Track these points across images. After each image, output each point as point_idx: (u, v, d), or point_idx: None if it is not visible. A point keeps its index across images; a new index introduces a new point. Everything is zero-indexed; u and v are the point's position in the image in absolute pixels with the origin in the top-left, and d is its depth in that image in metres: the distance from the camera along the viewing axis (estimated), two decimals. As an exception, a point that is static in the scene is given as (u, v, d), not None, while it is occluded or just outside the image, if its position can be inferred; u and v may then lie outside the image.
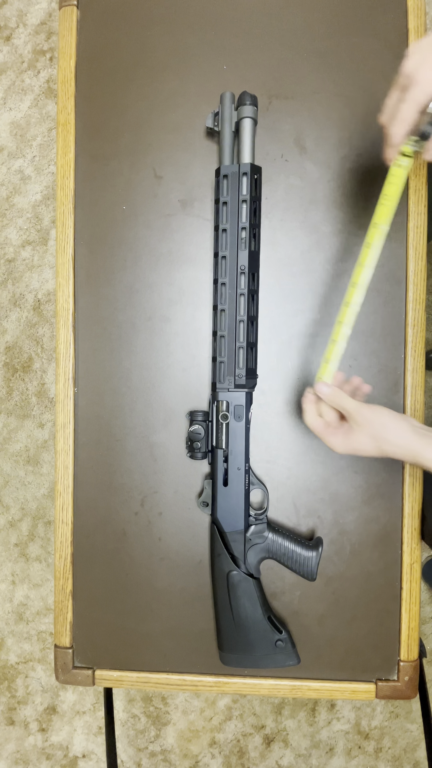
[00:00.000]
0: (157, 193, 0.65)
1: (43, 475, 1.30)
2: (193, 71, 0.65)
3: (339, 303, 0.64)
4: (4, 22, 1.31)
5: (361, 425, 0.49)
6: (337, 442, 0.50)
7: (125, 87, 0.66)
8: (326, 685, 0.64)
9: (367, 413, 0.49)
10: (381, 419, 0.48)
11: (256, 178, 0.58)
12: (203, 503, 0.63)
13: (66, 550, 0.66)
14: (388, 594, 0.64)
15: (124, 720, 1.26)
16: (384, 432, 0.48)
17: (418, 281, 0.63)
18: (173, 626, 0.66)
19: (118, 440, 0.66)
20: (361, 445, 0.49)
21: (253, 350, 0.60)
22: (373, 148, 0.64)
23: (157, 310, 0.65)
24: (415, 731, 1.23)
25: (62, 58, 0.66)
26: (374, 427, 0.48)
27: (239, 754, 1.25)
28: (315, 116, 0.64)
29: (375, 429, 0.48)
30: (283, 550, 0.61)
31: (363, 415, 0.49)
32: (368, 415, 0.48)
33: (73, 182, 0.66)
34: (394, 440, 0.47)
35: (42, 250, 1.30)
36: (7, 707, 1.30)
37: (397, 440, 0.47)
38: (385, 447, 0.48)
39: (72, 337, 0.66)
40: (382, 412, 0.49)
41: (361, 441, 0.49)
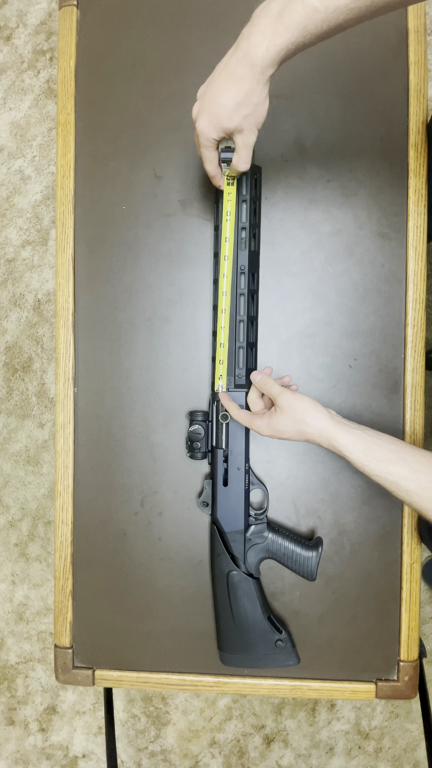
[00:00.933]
0: (157, 193, 0.65)
1: (43, 475, 1.30)
2: (193, 71, 0.65)
3: (339, 303, 0.64)
4: (4, 22, 1.31)
5: (284, 409, 0.52)
6: (262, 424, 0.54)
7: (125, 87, 0.66)
8: (326, 685, 0.64)
9: (290, 398, 0.53)
10: (303, 404, 0.52)
11: (256, 178, 0.58)
12: (203, 503, 0.63)
13: (66, 550, 0.66)
14: (388, 594, 0.64)
15: (124, 720, 1.26)
16: (304, 415, 0.52)
17: (418, 281, 0.63)
18: (173, 626, 0.66)
19: (118, 440, 0.66)
20: (283, 426, 0.52)
21: (253, 350, 0.60)
22: (372, 148, 0.64)
23: (157, 310, 0.65)
24: (415, 731, 1.23)
25: (62, 58, 0.66)
26: (296, 411, 0.52)
27: (239, 754, 1.25)
28: (315, 116, 0.64)
29: (296, 413, 0.52)
30: (283, 550, 0.61)
31: (287, 400, 0.53)
32: (291, 401, 0.52)
33: (73, 182, 0.66)
34: (312, 422, 0.51)
35: (42, 250, 1.30)
36: (7, 707, 1.30)
37: (314, 422, 0.51)
38: (304, 429, 0.51)
39: (72, 337, 0.66)
40: (305, 398, 0.53)
41: (282, 423, 0.52)
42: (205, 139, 0.47)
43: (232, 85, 0.43)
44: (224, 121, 0.45)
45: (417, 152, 0.63)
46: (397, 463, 0.48)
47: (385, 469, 0.48)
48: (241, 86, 0.43)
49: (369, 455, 0.49)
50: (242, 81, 0.43)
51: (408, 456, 0.48)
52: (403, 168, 0.63)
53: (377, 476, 0.49)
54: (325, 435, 0.50)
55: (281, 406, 0.53)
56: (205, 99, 0.46)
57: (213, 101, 0.45)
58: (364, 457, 0.49)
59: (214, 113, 0.45)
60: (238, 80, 0.43)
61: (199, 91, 0.48)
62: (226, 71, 0.44)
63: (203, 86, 0.47)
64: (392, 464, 0.48)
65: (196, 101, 0.48)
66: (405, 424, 0.63)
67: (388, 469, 0.48)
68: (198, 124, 0.47)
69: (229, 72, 0.43)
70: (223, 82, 0.44)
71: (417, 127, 0.63)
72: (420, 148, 0.63)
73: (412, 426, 0.63)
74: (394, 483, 0.48)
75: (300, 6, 0.38)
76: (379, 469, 0.48)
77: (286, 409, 0.52)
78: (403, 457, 0.48)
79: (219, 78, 0.44)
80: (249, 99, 0.44)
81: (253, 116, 0.45)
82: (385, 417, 0.64)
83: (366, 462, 0.49)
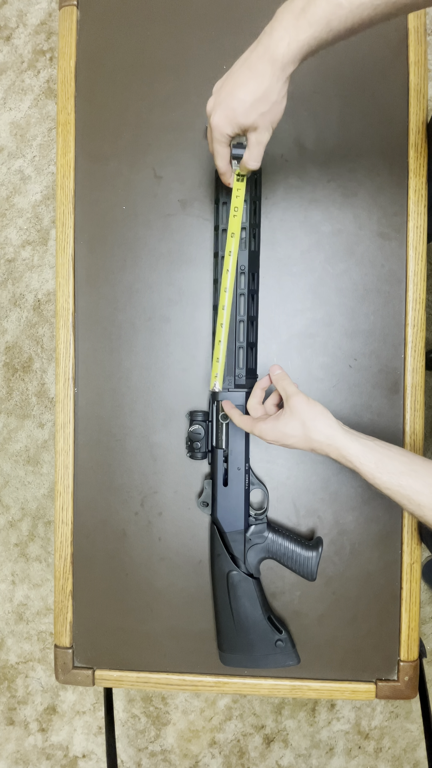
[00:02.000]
0: (157, 193, 0.65)
1: (43, 475, 1.30)
2: (193, 71, 0.65)
3: (339, 303, 0.64)
4: (4, 22, 1.31)
5: (295, 411, 0.51)
6: (266, 428, 0.52)
7: (125, 87, 0.66)
8: (326, 685, 0.64)
9: (303, 401, 0.51)
10: (315, 409, 0.50)
11: (256, 178, 0.58)
12: (203, 503, 0.63)
13: (66, 550, 0.66)
14: (388, 594, 0.64)
15: (124, 720, 1.26)
16: (314, 421, 0.50)
17: (418, 281, 0.63)
18: (173, 626, 0.66)
19: (118, 440, 0.66)
20: (290, 429, 0.50)
21: (253, 350, 0.60)
22: (372, 148, 0.64)
23: (157, 310, 0.65)
24: (415, 731, 1.23)
25: (62, 58, 0.66)
26: (307, 415, 0.50)
27: (239, 754, 1.25)
28: (315, 116, 0.64)
29: (307, 417, 0.50)
30: (283, 550, 0.61)
31: (299, 402, 0.51)
32: (304, 403, 0.51)
33: (73, 182, 0.66)
34: (322, 429, 0.49)
35: (42, 250, 1.30)
36: (7, 707, 1.30)
37: (324, 430, 0.49)
38: (312, 435, 0.49)
39: (72, 337, 0.66)
40: (317, 404, 0.51)
41: (290, 425, 0.50)
42: (219, 134, 0.46)
43: (251, 81, 0.42)
44: (240, 116, 0.44)
45: (417, 152, 0.63)
46: (410, 476, 0.46)
47: (398, 482, 0.46)
48: (260, 82, 0.42)
49: (381, 467, 0.47)
50: (262, 77, 0.42)
51: (420, 469, 0.47)
52: (403, 168, 0.63)
53: (389, 489, 0.47)
54: (335, 444, 0.49)
55: (293, 407, 0.51)
56: (221, 93, 0.45)
57: (230, 96, 0.44)
58: (375, 469, 0.47)
59: (231, 108, 0.44)
60: (258, 76, 0.42)
61: (216, 86, 0.46)
62: (246, 66, 0.43)
63: (220, 81, 0.46)
64: (404, 477, 0.46)
65: (211, 96, 0.46)
66: (405, 424, 0.63)
67: (400, 482, 0.46)
68: (213, 119, 0.45)
69: (248, 67, 0.43)
70: (242, 77, 0.43)
71: (417, 127, 0.63)
72: (420, 148, 0.63)
73: (412, 426, 0.63)
74: (406, 497, 0.46)
75: (324, 1, 0.37)
76: (391, 482, 0.46)
77: (297, 412, 0.50)
78: (416, 470, 0.47)
79: (238, 73, 0.43)
80: (267, 96, 0.43)
81: (269, 114, 0.44)
82: (385, 417, 0.64)
83: (378, 474, 0.47)
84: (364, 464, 0.47)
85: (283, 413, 0.52)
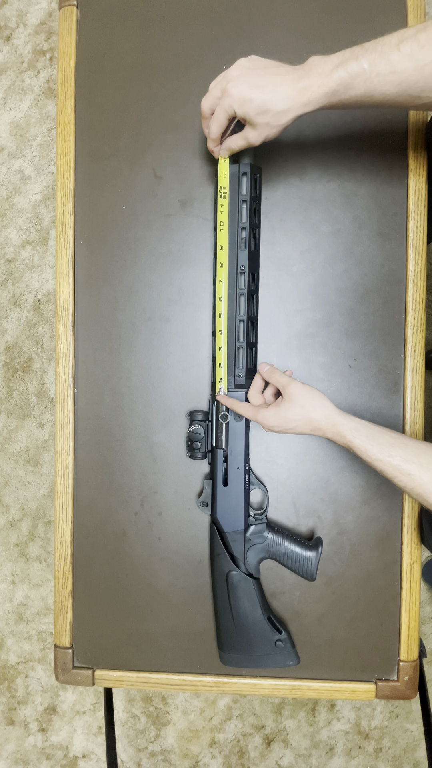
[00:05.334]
0: (157, 193, 0.65)
1: (43, 475, 1.30)
2: (193, 71, 0.65)
3: (339, 303, 0.64)
4: (4, 22, 1.31)
5: (293, 397, 0.54)
6: (269, 414, 0.55)
7: (125, 87, 0.66)
8: (326, 685, 0.64)
9: (299, 386, 0.54)
10: (311, 393, 0.54)
11: (256, 178, 0.58)
12: (203, 503, 0.63)
13: (66, 550, 0.66)
14: (388, 594, 0.64)
15: (124, 720, 1.26)
16: (312, 402, 0.53)
17: (418, 281, 0.63)
18: (173, 626, 0.66)
19: (118, 440, 0.66)
20: (292, 414, 0.53)
21: (253, 350, 0.60)
22: (372, 148, 0.64)
23: (156, 310, 0.65)
24: (415, 731, 1.23)
25: (62, 58, 0.66)
26: (305, 398, 0.54)
27: (239, 754, 1.25)
28: (315, 116, 0.64)
29: (305, 400, 0.53)
30: (282, 550, 0.61)
31: (296, 388, 0.54)
32: (300, 389, 0.54)
33: (73, 182, 0.66)
34: (320, 409, 0.53)
35: (42, 250, 1.30)
36: (7, 707, 1.30)
37: (322, 409, 0.53)
38: (312, 415, 0.53)
39: (72, 337, 0.66)
40: (313, 389, 0.55)
41: (292, 411, 0.54)
42: (227, 104, 0.47)
43: (277, 92, 0.45)
44: (252, 109, 0.46)
45: (417, 152, 0.63)
46: (399, 447, 0.50)
47: (388, 452, 0.49)
48: (282, 100, 0.45)
49: (372, 440, 0.50)
50: (287, 98, 0.45)
51: (409, 442, 0.51)
52: (403, 168, 0.63)
53: (380, 460, 0.50)
54: (332, 420, 0.52)
55: (291, 394, 0.54)
56: (250, 76, 0.46)
57: (256, 87, 0.45)
58: (367, 441, 0.50)
59: (250, 96, 0.45)
60: (284, 94, 0.45)
61: (242, 62, 0.48)
62: (280, 78, 0.45)
63: (249, 61, 0.48)
64: (394, 448, 0.49)
65: (235, 66, 0.47)
66: (405, 424, 0.63)
67: (390, 453, 0.49)
68: (231, 87, 0.46)
69: (281, 82, 0.45)
70: (273, 83, 0.45)
71: (417, 127, 0.63)
72: (420, 148, 0.63)
73: (412, 426, 0.63)
74: (396, 467, 0.49)
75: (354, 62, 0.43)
76: (382, 453, 0.49)
77: (295, 397, 0.53)
78: (405, 443, 0.50)
79: (272, 76, 0.46)
80: (280, 116, 0.46)
81: (269, 128, 0.47)
82: (385, 417, 0.64)
83: (369, 446, 0.50)
84: (357, 437, 0.51)
85: (282, 401, 0.55)
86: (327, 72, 0.44)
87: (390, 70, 0.42)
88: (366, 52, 0.43)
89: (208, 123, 0.52)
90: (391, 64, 0.42)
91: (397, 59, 0.42)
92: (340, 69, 0.43)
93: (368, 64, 0.42)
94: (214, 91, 0.49)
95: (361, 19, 0.64)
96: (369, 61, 0.42)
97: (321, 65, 0.44)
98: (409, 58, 0.41)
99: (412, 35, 0.41)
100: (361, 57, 0.43)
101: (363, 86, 0.43)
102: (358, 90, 0.44)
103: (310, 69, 0.45)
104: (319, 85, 0.44)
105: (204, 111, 0.51)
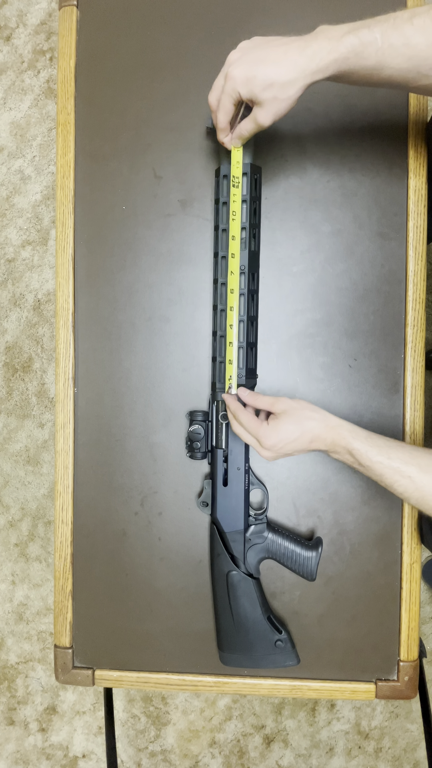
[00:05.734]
0: (157, 193, 0.65)
1: (43, 475, 1.30)
2: (193, 71, 0.65)
3: (339, 303, 0.64)
4: (4, 22, 1.31)
5: (286, 411, 0.52)
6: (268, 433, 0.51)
7: (125, 87, 0.66)
8: (326, 685, 0.64)
9: (287, 400, 0.53)
10: (301, 403, 0.53)
11: (256, 178, 0.58)
12: (203, 503, 0.63)
13: (66, 550, 0.66)
14: (388, 594, 0.64)
15: (124, 720, 1.26)
16: (305, 412, 0.52)
17: (418, 281, 0.63)
18: (173, 626, 0.66)
19: (118, 440, 0.66)
20: (289, 427, 0.51)
21: (253, 350, 0.60)
22: (372, 148, 0.64)
23: (156, 310, 0.65)
24: (415, 731, 1.23)
25: (62, 58, 0.66)
26: (296, 409, 0.52)
27: (239, 754, 1.25)
28: (315, 116, 0.64)
29: (296, 411, 0.52)
30: (282, 550, 0.61)
31: (285, 402, 0.53)
32: (289, 402, 0.53)
33: (73, 182, 0.66)
34: (314, 416, 0.51)
35: (42, 250, 1.30)
36: (7, 707, 1.30)
37: (316, 415, 0.51)
38: (307, 424, 0.51)
39: (72, 337, 0.66)
40: (301, 400, 0.53)
41: (286, 425, 0.51)
42: (231, 88, 0.46)
43: (283, 65, 0.43)
44: (257, 86, 0.44)
45: (417, 152, 0.63)
46: (397, 449, 0.49)
47: (387, 454, 0.48)
48: (289, 70, 0.43)
49: (370, 441, 0.49)
50: (294, 68, 0.43)
51: (406, 445, 0.50)
52: (403, 168, 0.63)
53: (379, 462, 0.48)
54: (329, 424, 0.51)
55: (281, 410, 0.52)
56: (251, 54, 0.45)
57: (259, 63, 0.44)
58: (366, 443, 0.49)
59: (253, 74, 0.44)
60: (291, 64, 0.43)
61: (244, 44, 0.47)
62: (284, 49, 0.43)
63: (250, 42, 0.46)
64: (393, 450, 0.49)
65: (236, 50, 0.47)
66: (405, 424, 0.63)
67: (389, 454, 0.48)
68: (233, 70, 0.45)
69: (285, 51, 0.43)
70: (276, 55, 0.43)
71: (417, 127, 0.63)
72: (420, 148, 0.63)
73: (412, 426, 0.63)
74: (396, 469, 0.48)
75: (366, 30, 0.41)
76: (381, 455, 0.48)
77: (288, 411, 0.52)
78: (402, 446, 0.50)
79: (274, 49, 0.44)
80: (287, 87, 0.44)
81: (278, 103, 0.45)
82: (385, 417, 0.64)
83: (369, 448, 0.49)
84: (356, 439, 0.50)
85: (274, 418, 0.53)
86: (338, 37, 0.42)
87: (402, 42, 0.40)
88: (378, 23, 0.41)
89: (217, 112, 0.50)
90: (404, 36, 0.40)
91: (410, 32, 0.40)
92: (351, 35, 0.41)
93: (381, 34, 0.41)
94: (218, 81, 0.48)
95: (361, 19, 0.64)
96: (381, 31, 0.41)
97: (330, 31, 0.42)
98: (422, 32, 0.40)
99: (425, 11, 0.40)
100: (374, 26, 0.41)
101: (374, 57, 0.41)
102: (369, 60, 0.42)
103: (318, 34, 0.43)
104: (329, 51, 0.42)
105: (212, 104, 0.50)
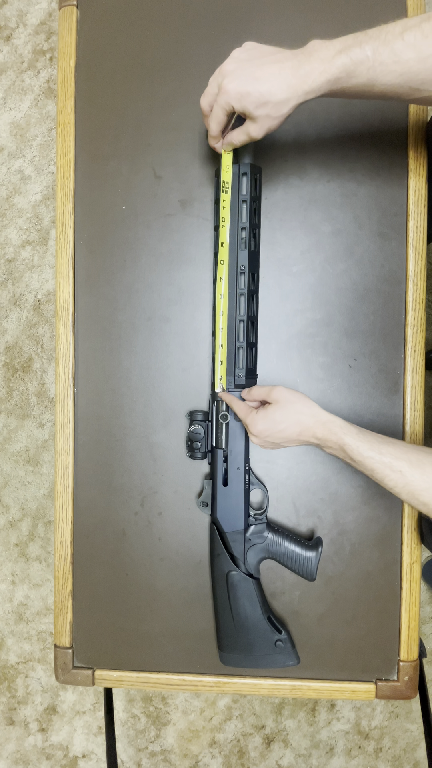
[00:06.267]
0: (157, 193, 0.65)
1: (43, 475, 1.30)
2: (193, 71, 0.65)
3: (339, 303, 0.64)
4: (4, 22, 1.31)
5: (279, 400, 0.53)
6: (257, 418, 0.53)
7: (125, 87, 0.66)
8: (326, 685, 0.64)
9: (283, 390, 0.53)
10: (296, 394, 0.53)
11: (256, 178, 0.58)
12: (203, 503, 0.63)
13: (66, 550, 0.66)
14: (388, 594, 0.64)
15: (124, 720, 1.26)
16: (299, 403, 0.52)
17: (418, 281, 0.63)
18: (173, 626, 0.66)
19: (118, 440, 0.66)
20: (280, 416, 0.52)
21: (252, 350, 0.60)
22: (373, 148, 0.64)
23: (156, 310, 0.65)
24: (415, 731, 1.23)
25: (62, 58, 0.66)
26: (290, 400, 0.52)
27: (239, 754, 1.25)
28: (315, 116, 0.64)
29: (292, 401, 0.52)
30: (282, 550, 0.61)
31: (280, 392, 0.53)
32: (285, 392, 0.53)
33: (73, 182, 0.66)
34: (306, 410, 0.52)
35: (42, 250, 1.30)
36: (7, 707, 1.30)
37: (308, 410, 0.52)
38: (301, 416, 0.52)
39: (72, 337, 0.66)
40: (297, 391, 0.54)
41: (280, 413, 0.52)
42: (224, 101, 0.46)
43: (276, 83, 0.43)
44: (251, 102, 0.44)
45: (417, 152, 0.63)
46: (389, 444, 0.49)
47: (378, 449, 0.49)
48: (282, 90, 0.43)
49: (362, 437, 0.50)
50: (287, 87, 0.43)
51: (397, 441, 0.50)
52: (403, 168, 0.63)
53: (371, 457, 0.49)
54: (320, 419, 0.51)
55: (276, 397, 0.53)
56: (246, 68, 0.45)
57: (252, 79, 0.44)
58: (357, 438, 0.49)
59: (247, 90, 0.44)
60: (284, 83, 0.43)
61: (237, 53, 0.46)
62: (278, 66, 0.43)
63: (244, 52, 0.46)
64: (384, 445, 0.49)
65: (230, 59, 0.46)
66: (405, 424, 0.63)
67: (380, 449, 0.49)
68: (227, 84, 0.45)
69: (279, 69, 0.43)
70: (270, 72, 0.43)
71: (417, 127, 0.63)
72: (420, 149, 0.63)
73: (412, 426, 0.63)
74: (387, 464, 0.48)
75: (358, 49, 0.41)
76: (372, 450, 0.49)
77: (282, 399, 0.53)
78: (393, 441, 0.50)
79: (269, 65, 0.44)
80: (280, 106, 0.44)
81: (271, 120, 0.46)
82: (385, 417, 0.64)
83: (360, 443, 0.49)
84: (348, 434, 0.50)
85: (269, 405, 0.54)
86: (329, 58, 0.42)
87: (393, 60, 0.41)
88: (369, 39, 0.41)
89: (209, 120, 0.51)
90: (394, 53, 0.40)
91: (401, 48, 0.40)
92: (343, 55, 0.41)
93: (372, 52, 0.41)
94: (211, 87, 0.48)
95: (361, 19, 0.64)
96: (372, 49, 0.41)
97: (323, 50, 0.42)
98: (413, 48, 0.40)
99: (416, 24, 0.40)
100: (365, 44, 0.41)
101: (366, 74, 0.42)
102: (361, 78, 0.42)
103: (311, 54, 0.43)
104: (321, 72, 0.42)
105: (203, 108, 0.50)
